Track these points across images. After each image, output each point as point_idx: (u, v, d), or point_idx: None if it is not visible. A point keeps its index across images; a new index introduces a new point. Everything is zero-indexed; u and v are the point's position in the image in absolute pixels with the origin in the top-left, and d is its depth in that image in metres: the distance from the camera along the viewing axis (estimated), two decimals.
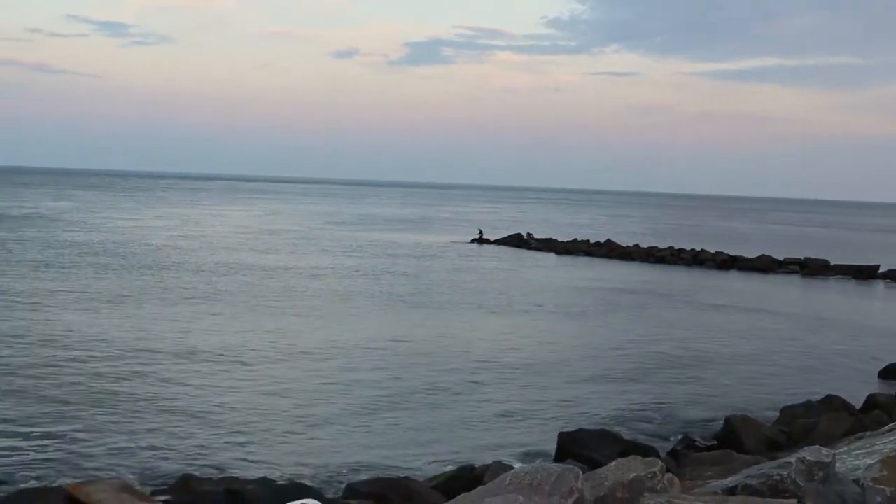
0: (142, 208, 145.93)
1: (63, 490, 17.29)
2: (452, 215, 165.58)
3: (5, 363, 30.62)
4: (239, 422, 25.47)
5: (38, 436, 23.28)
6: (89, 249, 70.38)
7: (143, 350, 33.82)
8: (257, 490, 18.99)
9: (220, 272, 59.43)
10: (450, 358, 35.15)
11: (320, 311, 45.17)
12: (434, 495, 18.62)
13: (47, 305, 42.89)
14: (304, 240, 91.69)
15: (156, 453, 22.50)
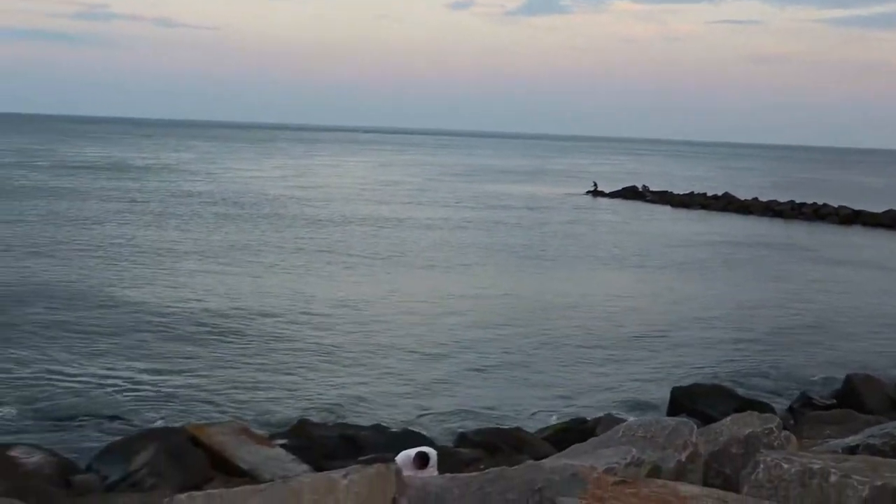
0: (261, 159, 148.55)
1: (185, 431, 17.88)
2: (567, 167, 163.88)
3: (132, 308, 31.76)
4: (354, 370, 25.92)
5: (161, 378, 24.15)
6: (209, 199, 72.13)
7: (261, 299, 34.64)
8: (370, 436, 19.35)
9: (336, 222, 60.26)
10: (562, 311, 35.03)
11: (434, 263, 45.44)
12: (545, 446, 18.65)
13: (169, 253, 44.22)
14: (419, 191, 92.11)
15: (274, 398, 23.11)
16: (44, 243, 45.45)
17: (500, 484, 8.07)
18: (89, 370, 24.59)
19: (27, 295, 33.17)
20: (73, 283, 35.90)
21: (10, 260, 40.23)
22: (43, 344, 26.81)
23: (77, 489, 15.68)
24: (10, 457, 16.44)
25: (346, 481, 6.56)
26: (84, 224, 53.69)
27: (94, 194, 72.15)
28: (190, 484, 14.71)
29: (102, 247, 45.31)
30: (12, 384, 23.06)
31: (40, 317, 29.99)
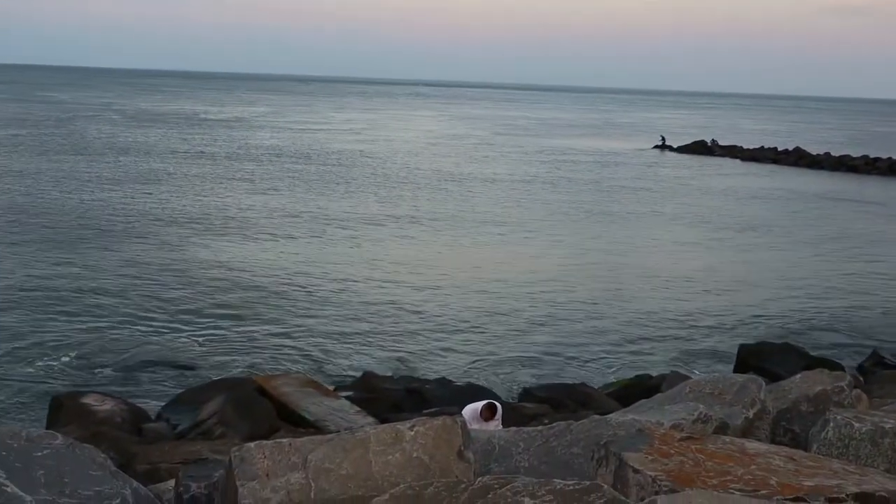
0: (329, 112, 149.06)
1: (252, 381, 18.17)
2: (634, 121, 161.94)
3: (203, 263, 32.23)
4: (420, 325, 26.06)
5: (230, 330, 24.54)
6: (277, 153, 72.65)
7: (328, 256, 34.93)
8: (435, 389, 19.46)
9: (402, 178, 60.32)
10: (627, 268, 34.81)
11: (498, 219, 45.33)
12: (610, 402, 18.60)
13: (239, 211, 44.71)
14: (485, 145, 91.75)
15: (339, 351, 23.36)
16: (117, 198, 46.24)
17: (565, 438, 8.06)
18: (160, 321, 25.07)
19: (102, 244, 33.85)
20: (147, 238, 36.49)
21: (90, 202, 41.05)
22: (118, 294, 27.37)
23: (148, 437, 16.02)
24: (84, 404, 16.86)
25: (413, 432, 6.59)
26: (162, 181, 54.44)
27: (170, 147, 73.11)
28: (257, 433, 14.92)
29: (180, 205, 45.92)
30: (86, 333, 23.60)
31: (116, 268, 30.59)
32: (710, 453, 6.62)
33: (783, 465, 6.43)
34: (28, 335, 23.30)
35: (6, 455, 5.85)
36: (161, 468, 13.29)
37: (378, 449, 6.59)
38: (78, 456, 6.31)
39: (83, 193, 46.76)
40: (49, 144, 71.66)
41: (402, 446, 6.60)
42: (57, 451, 6.20)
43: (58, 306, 25.94)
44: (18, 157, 62.29)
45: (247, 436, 14.82)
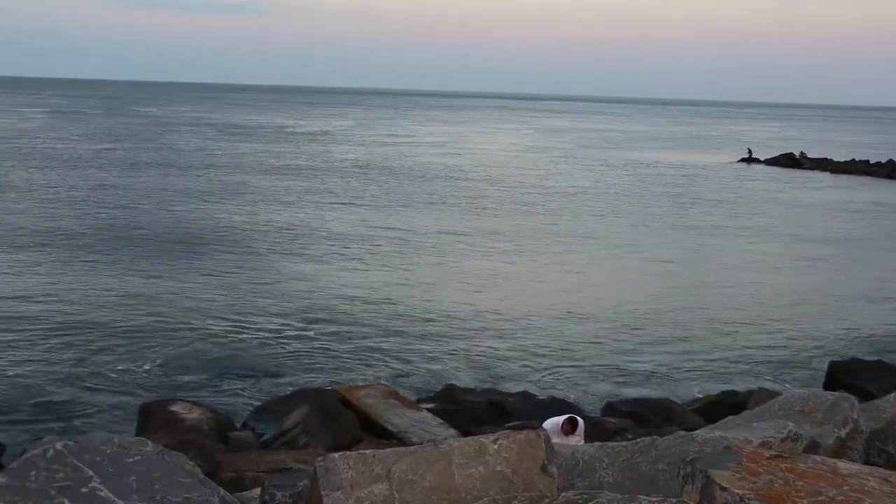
0: (414, 126, 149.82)
1: (336, 392, 18.34)
2: (722, 134, 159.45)
3: (288, 272, 32.66)
4: (503, 337, 26.01)
5: (313, 339, 24.80)
6: (362, 165, 73.23)
7: (412, 267, 35.09)
8: (517, 403, 19.40)
9: (487, 191, 60.29)
10: (711, 282, 34.27)
11: (581, 230, 45.07)
12: (695, 418, 18.32)
13: (325, 216, 45.20)
14: (569, 158, 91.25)
15: (422, 363, 23.43)
16: (207, 210, 47.15)
17: (650, 453, 7.96)
18: (246, 331, 25.45)
19: (191, 255, 34.55)
20: (235, 249, 37.10)
21: (186, 210, 41.96)
22: (205, 304, 27.88)
23: (234, 445, 16.26)
24: (172, 412, 17.19)
25: (496, 446, 6.56)
26: (250, 193, 55.38)
27: (258, 160, 74.30)
28: (340, 444, 15.06)
29: (267, 218, 46.65)
30: (174, 342, 24.08)
31: (205, 279, 31.18)
32: (800, 473, 6.47)
33: (878, 486, 6.25)
34: (119, 344, 23.86)
35: (100, 461, 5.99)
36: (246, 476, 13.48)
37: (461, 462, 6.58)
38: (168, 463, 6.42)
39: (174, 206, 47.77)
40: (142, 158, 73.45)
41: (485, 459, 6.59)
42: (148, 457, 6.32)
43: (147, 316, 26.51)
44: (114, 170, 63.94)
45: (330, 446, 14.96)
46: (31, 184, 54.54)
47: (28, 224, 40.48)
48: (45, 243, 36.28)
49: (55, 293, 28.70)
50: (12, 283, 29.83)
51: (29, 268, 31.99)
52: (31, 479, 5.71)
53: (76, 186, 53.94)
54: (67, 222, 41.42)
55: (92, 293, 28.84)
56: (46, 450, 5.96)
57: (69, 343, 23.76)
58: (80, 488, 5.71)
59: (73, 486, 5.72)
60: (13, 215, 42.64)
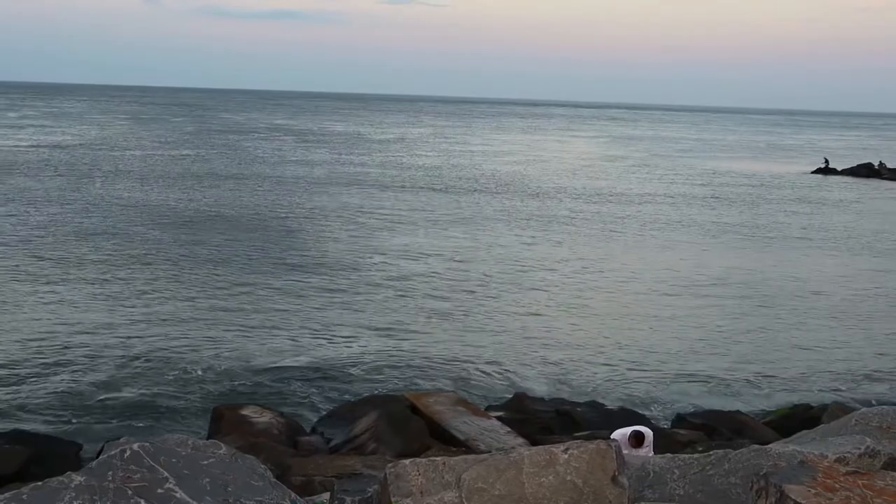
0: (491, 134, 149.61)
1: (405, 398, 18.40)
2: (799, 143, 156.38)
3: (359, 277, 32.89)
4: (572, 347, 25.90)
5: (383, 345, 24.94)
6: (435, 173, 73.40)
7: (479, 274, 35.10)
8: (586, 413, 19.28)
9: (558, 198, 60.08)
10: (784, 292, 33.72)
11: (652, 240, 44.68)
12: (767, 431, 18.03)
13: (397, 223, 45.45)
14: (642, 167, 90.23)
15: (491, 370, 23.42)
16: (286, 215, 47.72)
17: (722, 466, 7.85)
18: (318, 336, 25.68)
19: (268, 261, 34.99)
20: (310, 257, 37.47)
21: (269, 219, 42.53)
22: (284, 310, 28.20)
23: (303, 450, 16.41)
24: (243, 415, 17.42)
25: (567, 455, 6.53)
26: (326, 198, 55.93)
27: (333, 167, 74.99)
28: (409, 450, 15.11)
29: (341, 224, 47.04)
30: (247, 345, 24.40)
31: (281, 286, 31.55)
32: (878, 490, 6.33)
33: None
34: (193, 347, 24.26)
35: (175, 462, 6.08)
36: (315, 481, 13.59)
37: (531, 471, 6.56)
38: (240, 466, 6.50)
39: (257, 210, 48.41)
40: (227, 164, 74.56)
41: (555, 469, 6.56)
42: (221, 460, 6.40)
43: (220, 322, 26.90)
44: (200, 179, 65.01)
45: (399, 452, 15.02)
46: (123, 191, 55.71)
47: (109, 230, 41.36)
48: (128, 250, 37.02)
49: (132, 297, 29.27)
50: (91, 287, 30.47)
51: (110, 272, 32.68)
52: (109, 479, 5.81)
53: (161, 194, 54.97)
54: (147, 228, 42.21)
55: (169, 300, 29.35)
56: (123, 450, 6.07)
57: (143, 346, 24.22)
58: (156, 489, 5.81)
59: (149, 486, 5.82)
60: (90, 220, 43.60)
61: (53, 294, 29.24)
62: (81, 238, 38.84)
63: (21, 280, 30.94)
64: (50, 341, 24.31)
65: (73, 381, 21.47)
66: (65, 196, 51.46)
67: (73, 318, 26.60)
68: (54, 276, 31.79)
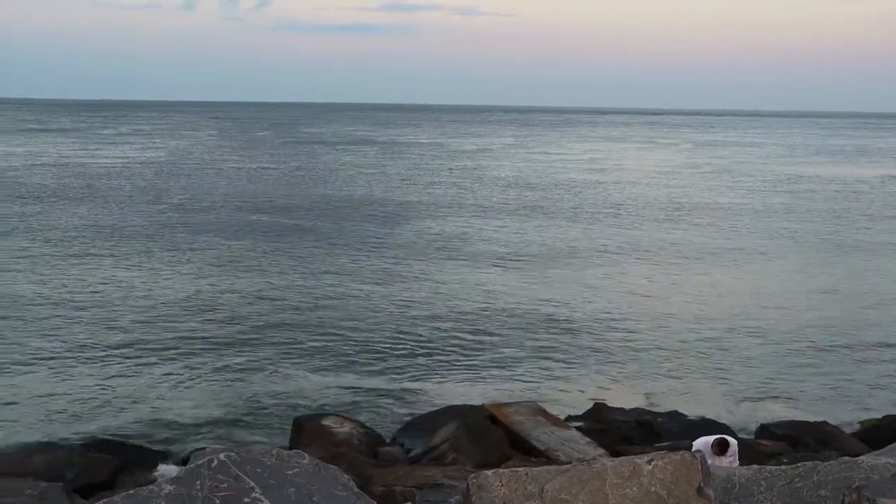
0: (572, 143, 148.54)
1: (484, 409, 18.39)
2: (887, 146, 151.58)
3: (441, 288, 33.00)
4: (652, 356, 25.60)
5: (462, 355, 24.97)
6: (515, 182, 73.14)
7: (556, 284, 34.96)
8: (667, 423, 19.05)
9: (633, 207, 59.43)
10: (872, 303, 32.83)
11: (733, 248, 43.94)
12: (855, 443, 17.62)
13: (477, 236, 45.51)
14: (724, 173, 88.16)
15: (571, 380, 23.28)
16: (372, 223, 48.10)
17: (811, 479, 7.68)
18: (398, 347, 25.80)
19: (357, 276, 35.31)
20: (393, 265, 37.70)
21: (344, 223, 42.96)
22: (361, 321, 28.41)
23: (383, 460, 16.48)
24: (324, 425, 17.57)
25: (651, 466, 6.46)
26: (410, 206, 56.28)
27: (417, 175, 75.41)
28: (489, 461, 15.08)
29: (423, 232, 47.26)
30: (328, 356, 24.63)
31: (364, 297, 31.81)
32: None
33: None
34: (273, 358, 24.57)
35: (260, 472, 6.16)
36: (396, 491, 13.63)
37: (615, 482, 6.50)
38: (324, 476, 6.55)
39: (351, 220, 48.90)
40: (321, 173, 75.58)
41: (639, 480, 6.49)
42: (305, 469, 6.46)
43: (303, 332, 27.21)
44: (300, 185, 65.95)
45: (479, 463, 14.99)
46: (220, 198, 56.76)
47: (211, 238, 42.19)
48: (218, 258, 37.71)
49: (217, 306, 29.76)
50: (185, 292, 31.06)
51: (202, 279, 33.32)
52: (197, 488, 5.91)
53: (267, 201, 55.86)
54: (247, 236, 42.97)
55: (251, 308, 29.80)
56: (211, 460, 6.16)
57: (225, 357, 24.60)
58: (243, 498, 5.89)
59: (235, 495, 5.90)
60: (184, 227, 44.49)
61: (144, 296, 29.90)
62: (171, 245, 39.70)
63: (116, 280, 31.69)
64: (136, 351, 24.85)
65: (157, 390, 21.90)
66: (158, 201, 52.66)
67: (158, 328, 27.13)
68: (154, 275, 32.91)
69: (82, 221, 47.99)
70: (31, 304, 29.70)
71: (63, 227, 45.69)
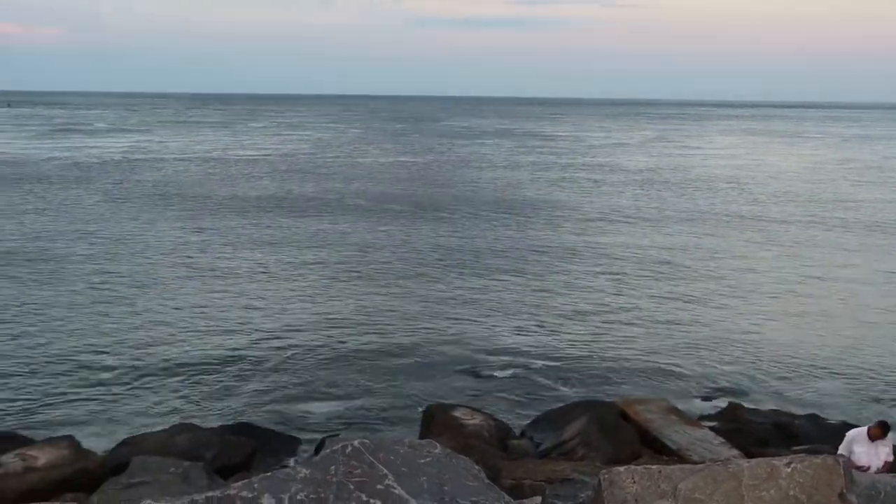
0: (715, 136, 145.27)
1: (615, 405, 18.20)
2: None
3: (569, 283, 32.82)
4: (789, 355, 24.89)
5: (593, 350, 24.77)
6: (649, 178, 72.17)
7: (704, 277, 34.32)
8: (805, 426, 18.48)
9: (774, 204, 57.88)
10: None
11: (862, 247, 42.32)
12: None
13: (590, 221, 45.12)
14: (873, 170, 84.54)
15: (704, 379, 22.83)
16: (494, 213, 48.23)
17: None
18: (528, 341, 25.78)
19: (488, 267, 35.49)
20: (521, 260, 37.72)
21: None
22: (488, 312, 28.51)
23: (513, 453, 16.48)
24: (454, 416, 17.67)
25: (790, 469, 6.28)
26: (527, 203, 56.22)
27: (551, 167, 75.25)
28: (619, 457, 14.91)
29: (550, 234, 47.14)
30: (457, 347, 24.78)
31: (500, 289, 31.93)
32: None
33: None
34: (404, 346, 24.89)
35: (393, 459, 6.24)
36: (525, 484, 13.59)
37: (751, 483, 6.35)
38: (455, 466, 6.58)
39: (498, 214, 49.20)
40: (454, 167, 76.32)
41: (777, 483, 6.32)
42: (437, 459, 6.51)
43: (435, 320, 27.48)
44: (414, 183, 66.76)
45: (609, 459, 14.84)
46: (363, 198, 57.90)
47: (351, 225, 43.08)
48: (355, 252, 38.41)
49: (347, 296, 30.31)
50: (311, 286, 31.77)
51: (337, 266, 34.03)
52: (332, 473, 6.03)
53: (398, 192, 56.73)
54: (385, 226, 43.68)
55: (384, 299, 30.23)
56: (345, 446, 6.28)
57: (354, 345, 25.05)
58: (376, 485, 5.98)
59: (369, 482, 6.00)
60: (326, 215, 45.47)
61: (274, 290, 30.68)
62: (311, 239, 40.64)
63: (253, 275, 32.63)
64: (269, 337, 25.53)
65: (289, 376, 22.45)
66: (291, 195, 53.96)
67: (292, 315, 27.79)
68: (286, 270, 33.92)
69: (221, 208, 49.57)
70: (179, 294, 30.82)
71: (201, 213, 47.25)
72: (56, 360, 23.30)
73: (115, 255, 36.69)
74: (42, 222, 44.58)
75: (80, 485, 14.10)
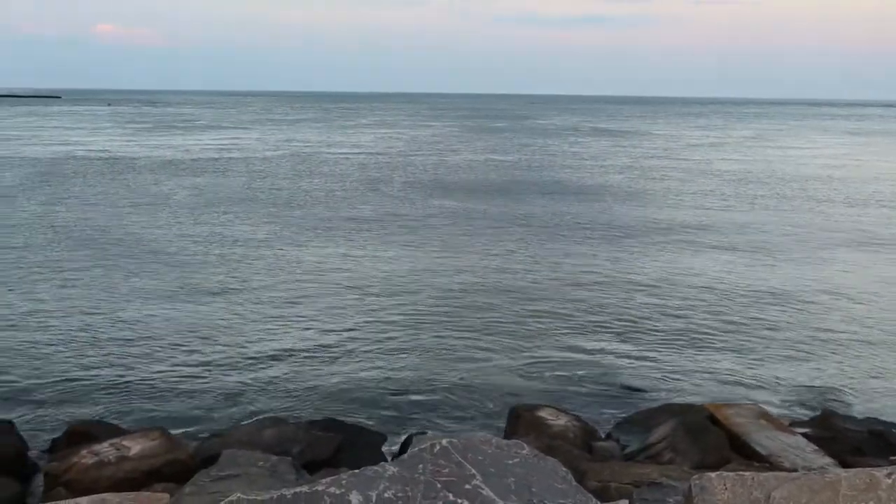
0: (815, 136, 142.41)
1: (704, 409, 17.91)
2: None
3: (663, 281, 32.43)
4: (888, 359, 24.21)
5: (681, 352, 24.39)
6: (742, 177, 71.08)
7: (778, 277, 33.64)
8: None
9: (877, 209, 56.54)
10: None
11: None
12: None
13: (693, 225, 44.52)
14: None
15: (796, 384, 22.33)
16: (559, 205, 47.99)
17: None
18: (608, 339, 25.55)
19: (554, 254, 35.31)
20: (599, 248, 37.44)
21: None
22: (567, 307, 28.33)
23: (598, 455, 16.35)
24: (539, 416, 17.61)
25: (890, 480, 6.10)
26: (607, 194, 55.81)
27: (623, 163, 74.72)
28: (707, 462, 14.68)
29: (625, 216, 46.72)
30: (542, 346, 24.65)
31: (564, 280, 31.73)
32: None
33: None
34: (487, 345, 24.83)
35: (481, 459, 6.24)
36: (611, 487, 13.45)
37: (849, 494, 6.17)
38: (543, 467, 6.55)
39: (542, 201, 49.04)
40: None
41: (877, 494, 6.14)
42: (525, 460, 6.49)
43: (520, 321, 27.37)
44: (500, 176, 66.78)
45: (697, 464, 14.62)
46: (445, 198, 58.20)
47: (438, 221, 43.27)
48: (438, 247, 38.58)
49: (427, 291, 30.38)
50: (403, 276, 31.96)
51: (426, 259, 34.18)
52: (419, 472, 6.05)
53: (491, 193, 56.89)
54: (474, 222, 43.76)
55: (467, 297, 30.24)
56: (433, 445, 6.29)
57: (443, 344, 25.06)
58: (464, 485, 5.97)
59: (457, 482, 6.00)
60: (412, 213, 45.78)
61: (366, 286, 30.93)
62: (398, 229, 40.92)
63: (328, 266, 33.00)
64: (357, 330, 25.75)
65: (374, 370, 22.58)
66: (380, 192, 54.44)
67: (382, 311, 27.98)
68: (378, 265, 34.28)
69: (309, 199, 50.18)
70: (271, 287, 31.29)
71: (291, 204, 47.89)
72: (151, 350, 23.86)
73: (210, 246, 37.50)
74: (164, 217, 45.68)
75: (172, 475, 14.38)
